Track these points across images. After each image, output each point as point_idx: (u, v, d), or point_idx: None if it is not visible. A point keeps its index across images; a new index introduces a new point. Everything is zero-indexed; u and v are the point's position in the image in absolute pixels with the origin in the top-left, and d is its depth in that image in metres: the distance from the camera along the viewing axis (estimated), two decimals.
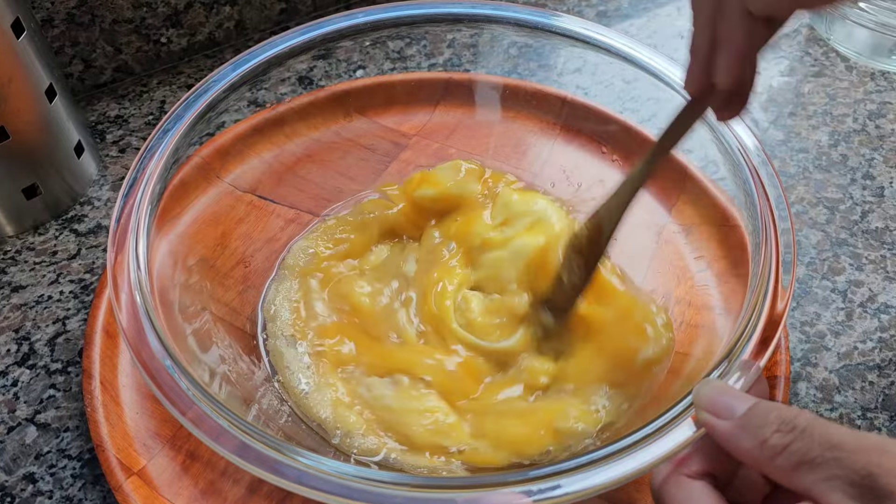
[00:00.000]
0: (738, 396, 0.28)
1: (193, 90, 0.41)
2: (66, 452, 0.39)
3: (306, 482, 0.29)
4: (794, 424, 0.25)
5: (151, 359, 0.33)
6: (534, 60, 0.57)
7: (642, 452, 0.30)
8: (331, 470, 0.29)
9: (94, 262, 0.47)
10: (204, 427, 0.31)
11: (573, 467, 0.29)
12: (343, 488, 0.29)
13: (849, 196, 0.51)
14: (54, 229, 0.49)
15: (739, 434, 0.26)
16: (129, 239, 0.36)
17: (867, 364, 0.43)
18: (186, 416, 0.31)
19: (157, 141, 0.40)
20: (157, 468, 0.38)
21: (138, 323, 0.34)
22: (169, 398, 0.32)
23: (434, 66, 0.59)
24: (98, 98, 0.57)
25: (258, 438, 0.30)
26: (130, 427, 0.39)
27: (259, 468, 0.30)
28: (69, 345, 0.43)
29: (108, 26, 0.54)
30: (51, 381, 0.42)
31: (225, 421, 0.31)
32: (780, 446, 0.25)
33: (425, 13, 0.47)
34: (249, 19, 0.60)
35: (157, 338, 0.33)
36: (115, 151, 0.53)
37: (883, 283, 0.47)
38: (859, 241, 0.49)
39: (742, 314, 0.35)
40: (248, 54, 0.44)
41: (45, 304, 0.45)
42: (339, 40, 0.47)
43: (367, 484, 0.29)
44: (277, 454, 0.30)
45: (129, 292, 0.35)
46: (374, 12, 0.46)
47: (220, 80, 0.42)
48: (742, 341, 0.33)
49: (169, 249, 0.40)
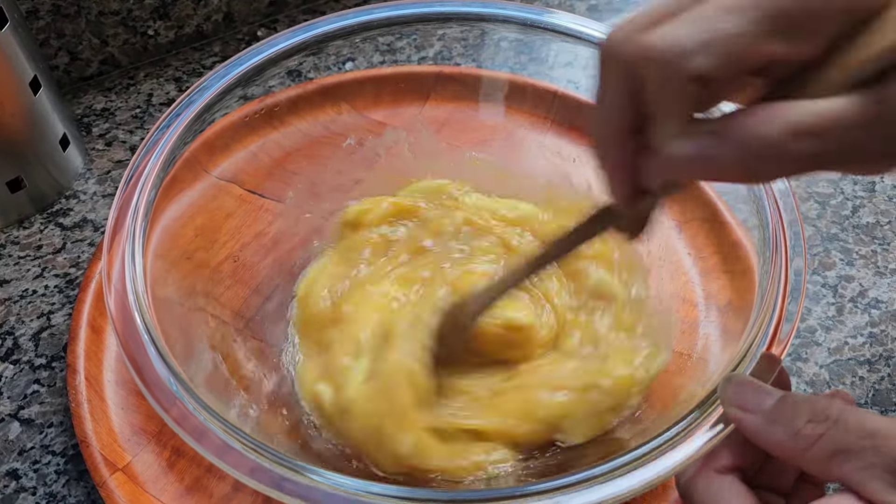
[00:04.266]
0: (765, 390, 0.27)
1: (186, 94, 0.41)
2: (50, 448, 0.39)
3: (287, 489, 0.29)
4: (827, 414, 0.25)
5: (139, 352, 0.32)
6: (525, 54, 0.57)
7: (665, 459, 0.29)
8: (320, 480, 0.29)
9: (79, 256, 0.46)
10: (187, 426, 0.30)
11: (583, 479, 0.29)
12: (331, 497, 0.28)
13: (840, 191, 0.51)
14: (39, 223, 0.48)
15: (770, 427, 0.26)
16: (127, 229, 0.36)
17: (857, 359, 0.43)
18: (170, 414, 0.31)
19: (153, 142, 0.39)
20: (142, 464, 0.38)
21: (128, 315, 0.33)
22: (154, 395, 0.31)
23: (424, 60, 0.59)
24: (84, 91, 0.56)
25: (239, 439, 0.30)
26: (115, 423, 0.39)
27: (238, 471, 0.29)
28: (54, 339, 0.43)
29: (94, 18, 0.54)
30: (35, 377, 0.41)
31: (210, 422, 0.30)
32: (815, 436, 0.25)
33: (416, 13, 0.47)
34: (238, 12, 0.60)
35: (147, 335, 0.33)
36: (102, 144, 0.53)
37: (874, 277, 0.47)
38: (850, 235, 0.49)
39: (756, 309, 0.35)
40: (242, 56, 0.43)
41: (29, 298, 0.44)
42: (332, 40, 0.46)
43: (349, 494, 0.29)
44: (257, 456, 0.29)
45: (122, 287, 0.34)
46: (365, 13, 0.46)
47: (213, 82, 0.42)
48: (759, 335, 0.33)
49: (159, 245, 0.40)
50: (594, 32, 0.45)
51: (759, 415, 0.27)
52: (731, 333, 0.37)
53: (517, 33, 0.49)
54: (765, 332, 0.33)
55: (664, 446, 0.29)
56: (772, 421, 0.26)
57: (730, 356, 0.34)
